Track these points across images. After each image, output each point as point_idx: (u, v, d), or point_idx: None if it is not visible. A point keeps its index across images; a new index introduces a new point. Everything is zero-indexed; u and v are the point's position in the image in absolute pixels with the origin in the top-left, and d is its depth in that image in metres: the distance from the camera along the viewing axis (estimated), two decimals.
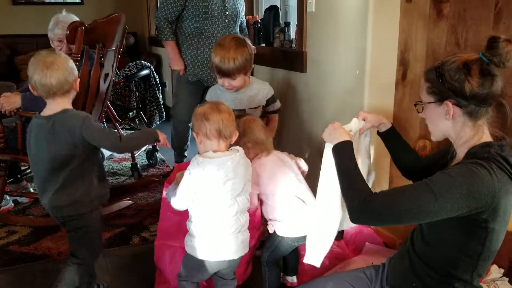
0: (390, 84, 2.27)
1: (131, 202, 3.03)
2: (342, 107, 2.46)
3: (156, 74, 4.11)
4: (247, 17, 3.49)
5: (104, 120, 3.45)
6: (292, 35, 3.12)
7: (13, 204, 3.00)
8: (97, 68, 2.55)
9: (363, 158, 1.75)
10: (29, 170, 3.51)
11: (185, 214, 1.68)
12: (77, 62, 2.42)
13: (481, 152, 1.25)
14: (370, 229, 2.34)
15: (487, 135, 1.30)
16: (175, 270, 1.81)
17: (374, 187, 1.78)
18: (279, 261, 1.98)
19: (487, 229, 1.24)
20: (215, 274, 1.77)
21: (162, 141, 1.88)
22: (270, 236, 1.93)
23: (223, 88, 2.23)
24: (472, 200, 1.18)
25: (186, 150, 3.39)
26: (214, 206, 1.60)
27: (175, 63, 3.05)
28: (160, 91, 4.08)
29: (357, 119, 1.68)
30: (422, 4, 2.09)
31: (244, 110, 2.25)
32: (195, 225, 1.65)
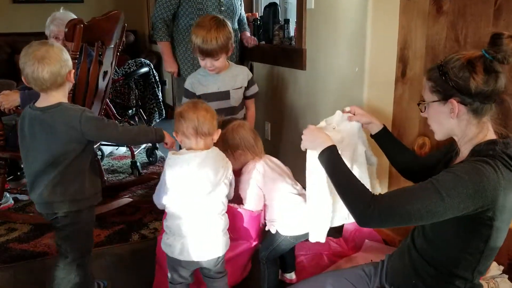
0: (390, 81, 2.26)
1: (131, 199, 3.03)
2: (341, 105, 2.45)
3: (155, 72, 4.10)
4: (247, 14, 3.49)
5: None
6: (291, 32, 3.11)
7: (13, 201, 3.01)
8: (96, 65, 2.55)
9: (360, 152, 1.74)
10: None
11: None
12: (75, 60, 2.42)
13: (486, 149, 1.25)
14: None
15: (492, 133, 1.29)
16: None
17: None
18: (277, 258, 1.98)
19: (491, 227, 1.23)
20: (202, 274, 1.76)
21: (169, 144, 1.84)
22: (269, 234, 1.92)
23: (204, 72, 2.26)
24: (478, 198, 1.18)
25: None
26: (181, 203, 1.61)
27: (169, 65, 3.01)
28: (159, 89, 4.07)
29: (340, 112, 1.69)
30: (422, 0, 2.08)
31: (228, 92, 2.27)
32: (167, 222, 1.67)
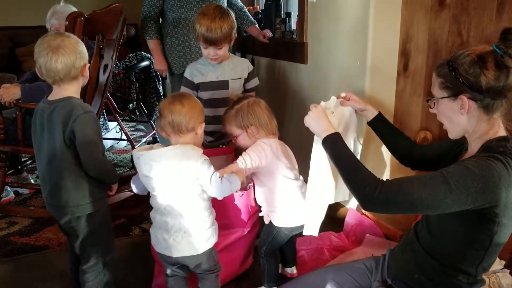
0: (391, 75, 2.25)
1: (131, 193, 3.02)
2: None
3: None
4: (248, 8, 3.47)
5: (104, 111, 3.45)
6: (293, 26, 3.10)
7: (13, 195, 3.01)
8: (96, 59, 2.53)
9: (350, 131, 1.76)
10: (29, 162, 3.52)
11: None
12: None
13: (496, 146, 1.24)
14: (370, 220, 2.34)
15: (502, 129, 1.28)
16: None
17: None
18: (276, 252, 1.98)
19: (498, 223, 1.23)
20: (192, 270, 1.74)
21: (113, 190, 1.79)
22: (265, 228, 1.92)
23: (204, 61, 2.25)
24: (487, 194, 1.17)
25: None
26: (153, 198, 1.61)
27: (158, 64, 3.00)
28: (160, 83, 4.06)
29: (335, 97, 1.71)
30: None
31: (227, 81, 2.25)
32: (151, 214, 1.67)
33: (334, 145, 1.45)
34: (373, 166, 1.86)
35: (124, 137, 3.98)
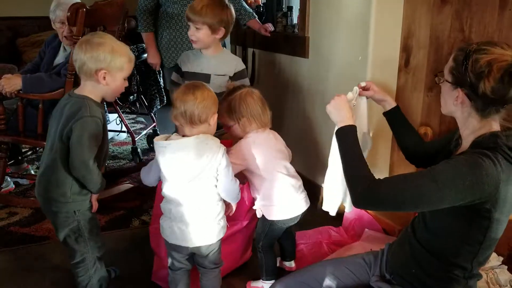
0: (393, 70, 2.25)
1: (131, 185, 3.04)
2: (344, 93, 2.44)
3: None
4: (249, 1, 3.46)
5: (105, 103, 3.44)
6: (294, 20, 3.09)
7: (14, 185, 3.01)
8: None
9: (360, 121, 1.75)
10: (30, 152, 3.52)
11: None
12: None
13: (487, 142, 1.24)
14: (369, 215, 2.34)
15: (497, 127, 1.28)
16: None
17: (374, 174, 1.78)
18: (274, 245, 1.98)
19: (490, 218, 1.23)
20: (196, 262, 1.75)
21: (94, 206, 1.77)
22: (259, 222, 1.93)
23: (197, 52, 2.26)
24: (475, 191, 1.18)
25: None
26: (169, 188, 1.61)
27: (151, 57, 3.00)
28: (161, 75, 4.06)
29: (357, 88, 1.70)
30: None
31: (209, 75, 2.23)
32: (162, 203, 1.67)
33: (344, 137, 1.47)
34: (372, 163, 1.86)
35: (124, 129, 3.98)
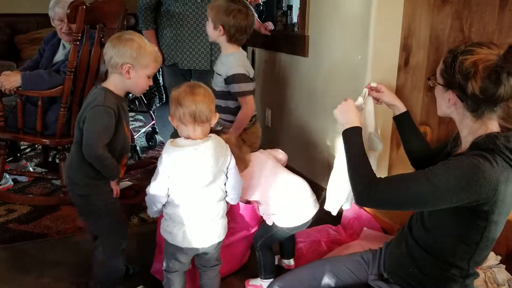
0: (392, 69, 2.25)
1: (130, 183, 3.04)
2: (343, 92, 2.45)
3: None
4: (250, 0, 3.45)
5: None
6: (294, 19, 3.09)
7: (12, 182, 3.01)
8: (97, 48, 2.53)
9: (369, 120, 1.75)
10: (28, 149, 3.51)
11: None
12: (77, 42, 2.41)
13: (485, 143, 1.23)
14: (368, 214, 2.35)
15: (495, 127, 1.27)
16: None
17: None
18: (272, 244, 1.98)
19: (488, 220, 1.23)
20: (196, 262, 1.77)
21: (114, 193, 1.80)
22: (264, 224, 1.92)
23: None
24: (471, 193, 1.18)
25: None
26: (182, 193, 1.59)
27: None
28: (160, 73, 4.05)
29: (366, 90, 1.69)
30: None
31: (213, 71, 2.34)
32: (166, 209, 1.64)
33: (349, 138, 1.47)
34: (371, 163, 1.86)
35: None
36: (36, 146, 3.51)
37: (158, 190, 1.59)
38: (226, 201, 1.70)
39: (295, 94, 2.98)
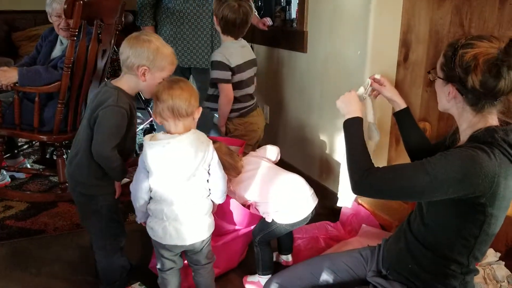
0: (392, 65, 2.25)
1: (128, 179, 3.01)
2: (342, 88, 2.43)
3: None
4: None
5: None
6: (293, 14, 3.08)
7: (10, 179, 3.00)
8: (94, 44, 2.52)
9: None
10: (26, 146, 3.50)
11: None
12: (74, 37, 2.40)
13: (484, 136, 1.23)
14: (366, 211, 2.34)
15: (494, 121, 1.27)
16: None
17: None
18: (271, 240, 1.98)
19: (485, 213, 1.23)
20: (188, 260, 1.76)
21: (116, 194, 1.81)
22: (263, 220, 1.92)
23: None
24: (468, 184, 1.18)
25: None
26: (162, 188, 1.59)
27: None
28: None
29: (370, 80, 1.69)
30: None
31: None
32: (150, 205, 1.64)
33: (349, 128, 1.48)
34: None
35: None
36: (33, 142, 3.50)
37: (139, 185, 1.62)
38: (211, 200, 1.69)
39: (294, 90, 2.97)
